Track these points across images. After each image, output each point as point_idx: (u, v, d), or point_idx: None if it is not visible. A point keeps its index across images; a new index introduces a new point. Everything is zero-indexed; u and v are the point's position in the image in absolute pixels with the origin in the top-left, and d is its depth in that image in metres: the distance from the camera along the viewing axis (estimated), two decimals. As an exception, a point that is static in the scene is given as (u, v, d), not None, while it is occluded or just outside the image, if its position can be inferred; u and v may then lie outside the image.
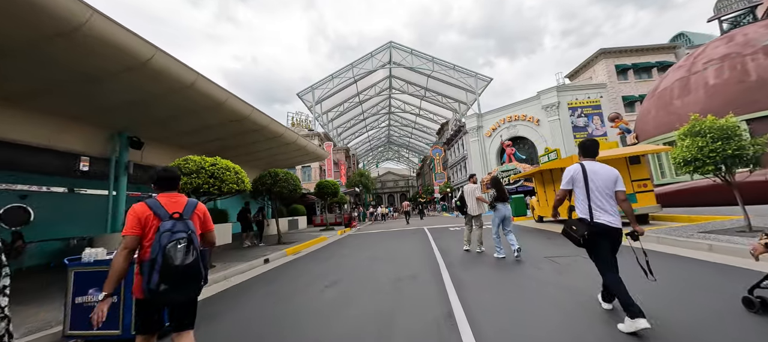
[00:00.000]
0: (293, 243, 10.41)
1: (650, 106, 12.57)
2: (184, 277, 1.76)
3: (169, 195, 2.05)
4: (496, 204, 5.84)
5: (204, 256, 1.93)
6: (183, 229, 1.86)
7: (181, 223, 1.89)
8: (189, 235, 1.85)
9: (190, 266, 1.77)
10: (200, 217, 2.12)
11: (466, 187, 6.71)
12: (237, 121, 9.73)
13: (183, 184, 5.84)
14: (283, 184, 9.88)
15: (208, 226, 2.18)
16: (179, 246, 1.76)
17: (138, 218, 1.87)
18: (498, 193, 5.87)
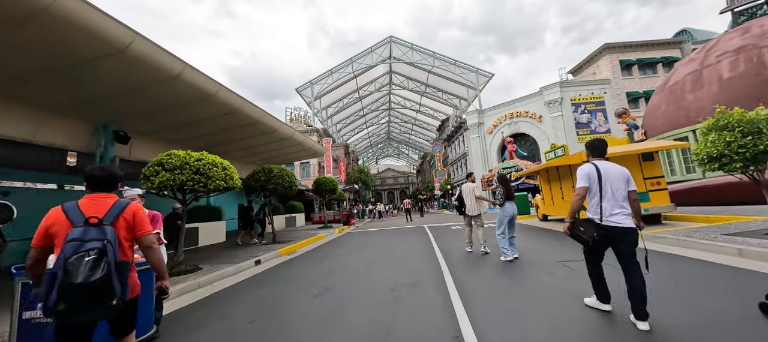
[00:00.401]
0: (289, 242, 10.00)
1: (660, 100, 12.10)
2: (86, 297, 1.47)
3: (97, 196, 1.79)
4: (506, 202, 5.49)
5: (121, 271, 1.65)
6: (97, 237, 1.59)
7: (95, 230, 1.61)
8: (103, 245, 1.56)
9: (95, 284, 1.47)
10: (128, 222, 1.83)
11: (464, 186, 6.48)
12: (228, 115, 9.28)
13: (166, 180, 5.41)
14: (278, 181, 9.45)
15: (140, 231, 1.87)
16: (86, 259, 1.49)
17: (46, 226, 1.51)
18: (506, 190, 5.53)
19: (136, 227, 1.85)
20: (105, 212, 1.73)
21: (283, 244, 9.40)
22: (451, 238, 8.92)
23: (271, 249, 8.53)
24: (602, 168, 2.68)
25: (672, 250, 5.13)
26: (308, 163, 33.02)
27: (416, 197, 57.07)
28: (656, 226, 7.44)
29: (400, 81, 43.47)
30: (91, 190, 1.84)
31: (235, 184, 6.45)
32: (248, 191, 9.73)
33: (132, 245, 1.89)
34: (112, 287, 1.53)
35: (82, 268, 1.46)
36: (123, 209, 1.81)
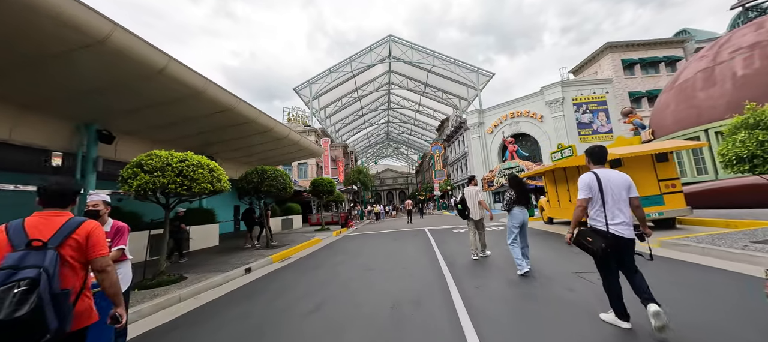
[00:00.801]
0: (283, 246, 9.54)
1: (669, 99, 11.68)
2: (10, 336, 1.30)
3: (48, 214, 1.61)
4: (514, 207, 4.91)
5: (60, 302, 1.43)
6: (35, 263, 1.40)
7: (35, 256, 1.43)
8: (37, 274, 1.36)
9: (20, 321, 1.28)
10: (79, 243, 1.61)
11: (467, 189, 6.28)
12: (220, 113, 8.82)
13: (145, 183, 4.96)
14: (272, 183, 8.99)
15: (94, 253, 1.65)
16: (15, 291, 1.31)
17: None
18: (517, 194, 4.98)
19: (90, 249, 1.63)
20: (52, 233, 1.54)
21: (278, 249, 8.95)
22: (453, 242, 8.47)
23: (264, 254, 8.07)
24: (603, 176, 2.65)
25: (696, 259, 4.70)
26: (306, 163, 32.57)
27: (415, 198, 56.67)
28: (671, 232, 7.01)
29: (400, 81, 43.06)
30: (42, 207, 1.65)
31: (223, 186, 6.00)
32: (241, 193, 9.28)
33: (85, 267, 1.66)
34: (44, 322, 1.35)
35: (7, 302, 1.28)
36: (74, 229, 1.61)
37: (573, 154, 9.63)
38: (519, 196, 4.97)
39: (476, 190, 6.27)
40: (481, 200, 6.20)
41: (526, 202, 4.98)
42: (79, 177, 7.94)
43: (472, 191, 6.27)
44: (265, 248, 9.36)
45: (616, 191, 2.57)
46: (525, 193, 5.01)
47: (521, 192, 4.98)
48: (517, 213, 4.91)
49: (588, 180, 2.68)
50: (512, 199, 4.94)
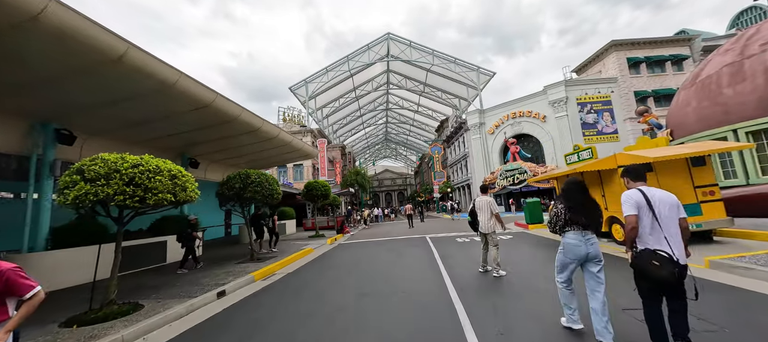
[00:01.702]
0: (270, 259, 8.58)
1: (689, 96, 10.80)
2: None
3: None
4: (567, 230, 2.96)
5: None
6: None
7: None
8: None
9: None
10: None
11: (478, 199, 5.67)
12: (198, 111, 7.87)
13: (83, 194, 4.00)
14: (256, 189, 8.03)
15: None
16: None
17: None
18: (571, 208, 2.94)
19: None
20: None
21: (263, 262, 7.99)
22: (459, 255, 7.54)
23: (246, 270, 7.11)
24: (650, 194, 2.47)
25: (751, 285, 3.80)
26: (301, 165, 31.59)
27: (414, 200, 55.69)
28: (710, 247, 6.12)
29: (398, 80, 42.18)
30: None
31: (190, 196, 5.03)
32: (222, 201, 8.31)
33: None
34: None
35: None
36: None
37: (593, 156, 8.72)
38: (579, 212, 2.90)
39: (488, 201, 5.53)
40: (495, 213, 5.46)
41: (594, 224, 2.92)
42: (33, 183, 6.95)
43: (483, 201, 5.56)
44: (249, 261, 8.39)
45: (666, 212, 2.38)
46: (591, 210, 2.92)
47: (581, 206, 2.91)
48: (573, 240, 2.89)
49: (635, 197, 2.47)
50: (565, 216, 2.93)
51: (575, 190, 2.99)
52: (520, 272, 5.48)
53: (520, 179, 27.21)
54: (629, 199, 2.49)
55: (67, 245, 7.05)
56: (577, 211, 2.90)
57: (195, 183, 5.31)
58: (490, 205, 5.48)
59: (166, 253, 9.40)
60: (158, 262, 9.15)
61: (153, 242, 9.08)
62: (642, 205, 2.43)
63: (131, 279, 7.18)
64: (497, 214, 5.42)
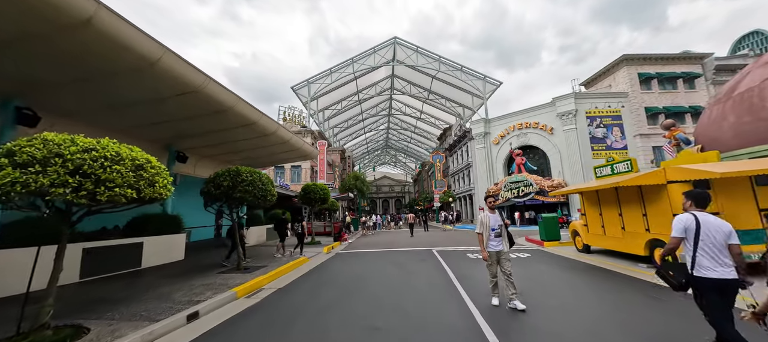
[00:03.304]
0: (257, 270, 7.52)
1: (726, 111, 9.91)
2: None
3: None
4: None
5: None
6: None
7: None
8: None
9: None
10: None
11: (482, 215, 4.72)
12: (184, 96, 6.89)
13: (8, 182, 2.99)
14: (247, 188, 7.01)
15: None
16: None
17: None
18: None
19: None
20: None
21: (250, 274, 6.93)
22: (479, 275, 6.51)
23: (228, 283, 6.05)
24: (703, 220, 2.62)
25: None
26: (300, 166, 30.56)
27: (413, 207, 54.57)
28: None
29: (402, 86, 41.52)
30: None
31: (160, 193, 4.02)
32: (207, 200, 7.28)
33: None
34: None
35: None
36: None
37: (633, 169, 7.79)
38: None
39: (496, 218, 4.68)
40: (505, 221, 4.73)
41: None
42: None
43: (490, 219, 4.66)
44: (234, 271, 7.33)
45: (713, 237, 2.53)
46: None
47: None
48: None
49: (686, 222, 2.67)
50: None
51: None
52: (556, 311, 4.47)
53: (526, 192, 26.30)
54: (680, 223, 2.68)
55: (20, 244, 5.97)
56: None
57: (168, 177, 4.31)
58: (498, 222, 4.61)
59: (141, 256, 8.30)
60: (132, 267, 8.04)
61: (127, 244, 7.99)
62: (690, 230, 2.60)
63: (94, 288, 6.10)
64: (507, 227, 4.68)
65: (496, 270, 4.57)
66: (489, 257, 4.52)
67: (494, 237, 4.51)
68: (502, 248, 4.52)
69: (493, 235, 4.51)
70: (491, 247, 4.52)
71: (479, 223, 4.65)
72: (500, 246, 4.53)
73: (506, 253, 4.54)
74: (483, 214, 4.66)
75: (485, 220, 4.57)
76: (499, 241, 4.53)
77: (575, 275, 6.53)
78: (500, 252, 4.51)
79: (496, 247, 4.51)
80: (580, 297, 5.00)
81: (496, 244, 4.52)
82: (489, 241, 4.52)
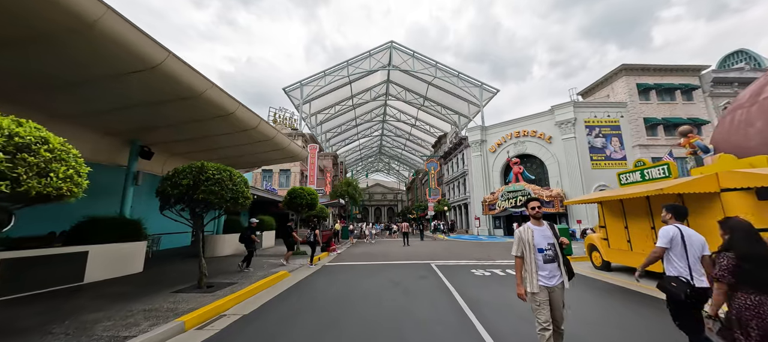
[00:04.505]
0: (227, 287, 6.21)
1: (751, 117, 9.11)
2: None
3: None
4: None
5: None
6: None
7: None
8: None
9: None
10: None
11: (521, 229, 3.06)
12: (140, 74, 5.66)
13: None
14: (213, 188, 5.75)
15: None
16: None
17: None
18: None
19: None
20: None
21: (212, 294, 5.62)
22: (491, 298, 5.36)
23: (181, 307, 4.75)
24: (685, 232, 2.88)
25: None
26: (289, 171, 29.15)
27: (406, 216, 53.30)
28: None
29: (398, 92, 40.75)
30: None
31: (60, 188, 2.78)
32: (163, 201, 5.97)
33: None
34: None
35: None
36: None
37: (671, 174, 6.78)
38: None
39: (542, 231, 2.98)
40: (561, 240, 3.05)
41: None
42: None
43: (534, 235, 2.97)
44: (195, 290, 6.01)
45: (695, 249, 2.80)
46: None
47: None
48: None
49: (673, 233, 2.90)
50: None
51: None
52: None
53: (523, 201, 25.39)
54: (666, 233, 2.94)
55: None
56: None
57: (82, 167, 3.07)
58: (549, 236, 2.96)
59: (84, 269, 6.88)
60: (71, 282, 6.61)
61: (64, 253, 6.57)
62: (676, 241, 2.88)
63: (4, 310, 4.71)
64: (563, 240, 3.06)
65: (549, 316, 2.80)
66: (536, 295, 2.82)
67: (544, 262, 2.87)
68: (559, 282, 2.87)
69: (542, 259, 2.87)
70: (541, 280, 2.84)
71: (517, 242, 3.03)
72: (555, 278, 2.85)
73: (563, 291, 2.91)
74: (523, 229, 3.04)
75: (526, 237, 2.95)
76: (552, 270, 2.87)
77: (605, 299, 5.43)
78: (555, 288, 2.85)
79: (550, 280, 2.83)
80: (627, 330, 3.88)
81: (548, 275, 2.84)
82: (536, 269, 2.87)
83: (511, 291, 6.06)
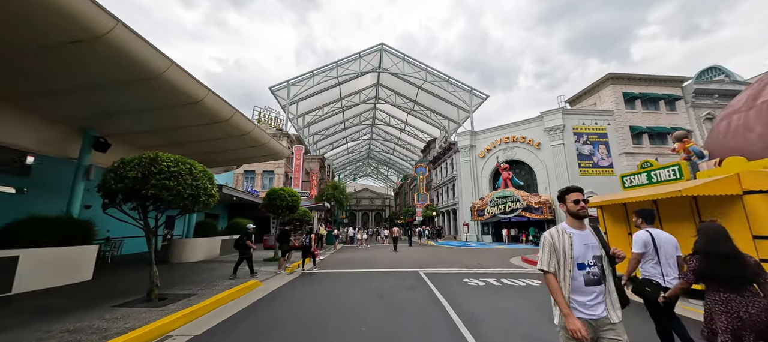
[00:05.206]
0: (181, 299, 5.29)
1: (750, 121, 8.88)
2: None
3: None
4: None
5: None
6: None
7: None
8: None
9: None
10: None
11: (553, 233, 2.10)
12: (75, 47, 4.76)
13: None
14: (166, 183, 4.86)
15: None
16: None
17: None
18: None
19: None
20: None
21: (161, 309, 4.71)
22: (488, 311, 4.67)
23: (113, 327, 3.84)
24: (656, 235, 3.10)
25: None
26: (273, 172, 27.98)
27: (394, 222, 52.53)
28: None
29: (388, 95, 40.26)
30: None
31: None
32: (107, 197, 5.03)
33: None
34: None
35: None
36: None
37: (683, 176, 6.32)
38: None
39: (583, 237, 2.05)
40: (615, 251, 2.08)
41: None
42: None
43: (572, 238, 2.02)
44: (144, 303, 5.06)
45: (667, 250, 3.00)
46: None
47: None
48: None
49: (645, 238, 3.11)
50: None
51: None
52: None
53: (513, 207, 25.16)
54: (640, 239, 3.13)
55: None
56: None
57: None
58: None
59: (13, 277, 5.79)
60: None
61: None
62: (649, 245, 3.06)
63: None
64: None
65: None
66: (580, 331, 1.83)
67: (585, 283, 1.94)
68: (608, 312, 1.93)
69: (583, 279, 1.94)
70: (580, 311, 1.92)
71: (547, 250, 2.05)
72: (602, 306, 1.93)
73: (616, 327, 1.92)
74: (556, 232, 2.08)
75: (562, 244, 2.01)
76: (599, 295, 1.94)
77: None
78: (602, 321, 1.92)
79: (594, 310, 1.91)
80: None
81: (594, 303, 1.92)
82: (575, 291, 1.95)
83: (510, 304, 5.39)
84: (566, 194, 2.17)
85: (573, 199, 2.10)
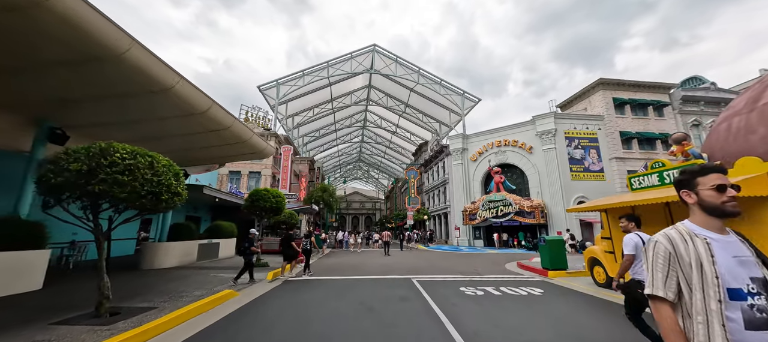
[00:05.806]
0: (137, 315, 4.52)
1: (752, 123, 8.63)
2: None
3: None
4: None
5: None
6: None
7: None
8: None
9: None
10: None
11: (661, 239, 1.31)
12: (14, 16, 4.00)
13: None
14: (119, 178, 4.12)
15: None
16: None
17: None
18: None
19: None
20: None
21: (108, 328, 3.95)
22: (488, 325, 4.09)
23: None
24: (644, 239, 3.28)
25: None
26: (259, 173, 26.98)
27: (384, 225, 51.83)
28: None
29: (379, 97, 39.79)
30: None
31: None
32: (45, 194, 4.24)
33: None
34: None
35: None
36: None
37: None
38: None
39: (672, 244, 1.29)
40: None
41: None
42: None
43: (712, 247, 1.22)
44: (89, 320, 4.28)
45: None
46: None
47: None
48: None
49: (636, 240, 3.30)
50: None
51: None
52: None
53: (505, 212, 24.86)
54: (631, 241, 3.32)
55: None
56: None
57: None
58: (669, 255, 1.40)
59: None
60: None
61: None
62: (640, 248, 3.20)
63: None
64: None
65: None
66: None
67: (748, 325, 1.11)
68: None
69: (743, 315, 1.12)
70: None
71: (661, 264, 1.27)
72: None
73: None
74: (677, 234, 1.30)
75: (693, 255, 1.23)
76: None
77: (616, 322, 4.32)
78: None
79: None
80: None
81: None
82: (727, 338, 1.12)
83: (516, 319, 4.82)
84: (699, 176, 1.31)
85: (713, 183, 1.26)
